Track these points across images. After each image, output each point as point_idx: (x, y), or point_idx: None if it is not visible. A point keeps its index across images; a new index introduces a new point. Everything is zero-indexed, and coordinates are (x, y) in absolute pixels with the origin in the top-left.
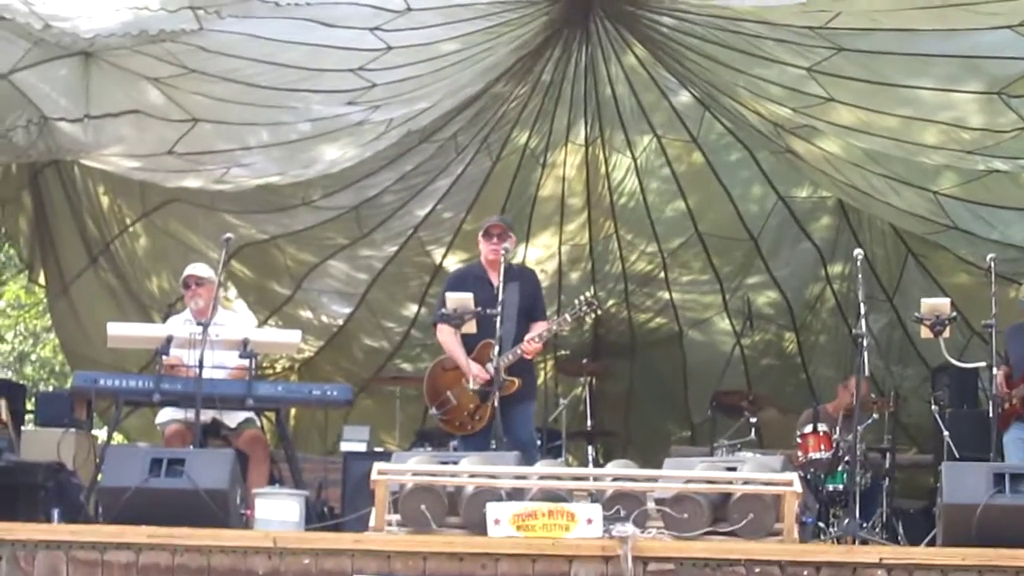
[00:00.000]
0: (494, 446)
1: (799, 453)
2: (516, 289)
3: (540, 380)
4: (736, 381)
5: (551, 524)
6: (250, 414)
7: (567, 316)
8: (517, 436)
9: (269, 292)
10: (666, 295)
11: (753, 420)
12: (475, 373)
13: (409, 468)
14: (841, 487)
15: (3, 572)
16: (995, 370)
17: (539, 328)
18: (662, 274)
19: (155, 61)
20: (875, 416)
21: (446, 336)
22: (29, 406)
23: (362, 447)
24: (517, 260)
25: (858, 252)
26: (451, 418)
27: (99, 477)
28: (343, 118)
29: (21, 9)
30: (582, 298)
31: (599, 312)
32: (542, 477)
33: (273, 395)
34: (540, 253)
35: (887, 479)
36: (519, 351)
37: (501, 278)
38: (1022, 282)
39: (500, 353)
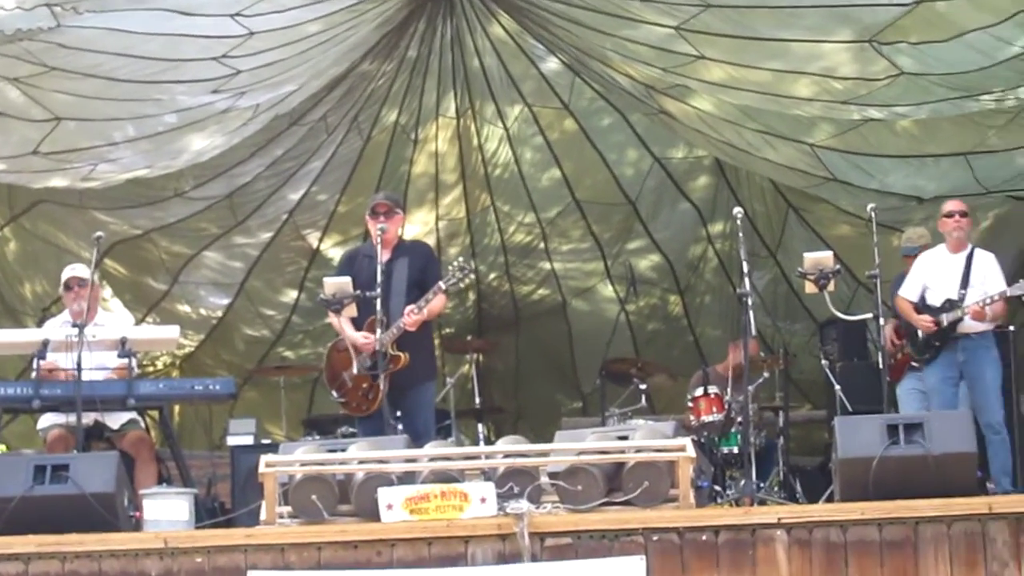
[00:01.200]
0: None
1: (691, 417)
2: (405, 264)
3: None
4: (624, 348)
5: (444, 505)
6: (133, 414)
7: (441, 285)
8: (411, 424)
9: (145, 288)
10: (547, 265)
11: (643, 387)
12: (360, 342)
13: (297, 459)
14: (735, 449)
15: None
16: (882, 321)
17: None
18: (542, 244)
19: (13, 60)
20: (766, 374)
21: (332, 318)
22: None
23: (249, 440)
24: None
25: (738, 210)
26: (348, 400)
27: None
28: (209, 107)
29: None
30: (454, 264)
31: (472, 276)
32: (432, 459)
33: (155, 393)
34: (417, 229)
35: (781, 437)
36: (401, 324)
37: (380, 254)
38: (904, 230)
39: (385, 329)
